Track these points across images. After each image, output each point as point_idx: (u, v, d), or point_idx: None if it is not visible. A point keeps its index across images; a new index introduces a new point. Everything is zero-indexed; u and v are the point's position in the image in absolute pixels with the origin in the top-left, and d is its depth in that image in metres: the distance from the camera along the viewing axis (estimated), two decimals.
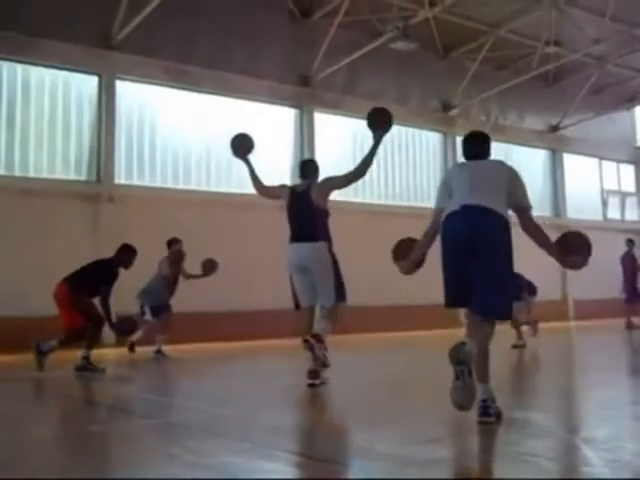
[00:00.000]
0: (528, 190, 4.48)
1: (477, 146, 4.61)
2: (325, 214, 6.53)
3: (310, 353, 6.02)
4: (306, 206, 6.44)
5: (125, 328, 8.88)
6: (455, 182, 4.47)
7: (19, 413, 5.30)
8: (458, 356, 3.97)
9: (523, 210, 4.45)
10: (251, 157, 7.06)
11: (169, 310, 10.17)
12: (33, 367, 7.98)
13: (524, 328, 10.68)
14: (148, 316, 9.99)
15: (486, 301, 4.13)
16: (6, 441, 4.02)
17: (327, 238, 6.46)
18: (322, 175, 6.79)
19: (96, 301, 8.40)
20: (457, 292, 4.27)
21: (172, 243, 10.41)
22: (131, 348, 10.09)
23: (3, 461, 3.51)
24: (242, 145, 7.10)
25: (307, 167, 6.92)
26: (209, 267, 10.33)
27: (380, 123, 6.30)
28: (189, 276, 10.42)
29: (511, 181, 4.40)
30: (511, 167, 4.52)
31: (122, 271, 8.73)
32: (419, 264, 4.79)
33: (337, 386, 6.13)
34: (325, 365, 6.11)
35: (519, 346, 10.06)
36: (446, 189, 4.52)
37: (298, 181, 7.01)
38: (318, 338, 6.06)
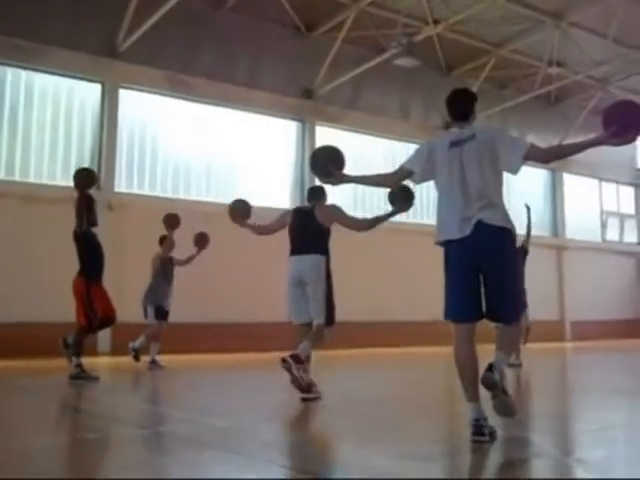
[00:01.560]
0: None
1: (464, 105, 4.48)
2: (327, 231, 6.55)
3: (288, 373, 5.92)
4: (309, 221, 6.49)
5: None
6: (442, 174, 4.36)
7: (12, 421, 5.27)
8: (489, 384, 3.98)
9: (529, 153, 4.17)
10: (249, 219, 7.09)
11: (166, 319, 10.08)
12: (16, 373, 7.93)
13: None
14: (151, 318, 9.89)
15: (506, 308, 4.17)
16: None
17: (325, 252, 6.47)
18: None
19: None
20: (463, 306, 4.22)
21: (163, 240, 10.33)
22: (136, 357, 9.82)
23: None
24: (239, 211, 7.10)
25: (314, 192, 6.85)
26: (202, 241, 10.34)
27: (404, 201, 6.18)
28: (185, 261, 10.39)
29: (501, 144, 4.22)
30: (496, 130, 4.49)
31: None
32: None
33: (330, 401, 6.10)
34: (302, 388, 5.95)
35: (515, 365, 9.98)
36: (424, 158, 4.44)
37: (299, 193, 7.00)
38: (297, 359, 5.93)
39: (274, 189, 16.01)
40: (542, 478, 3.36)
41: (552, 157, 4.61)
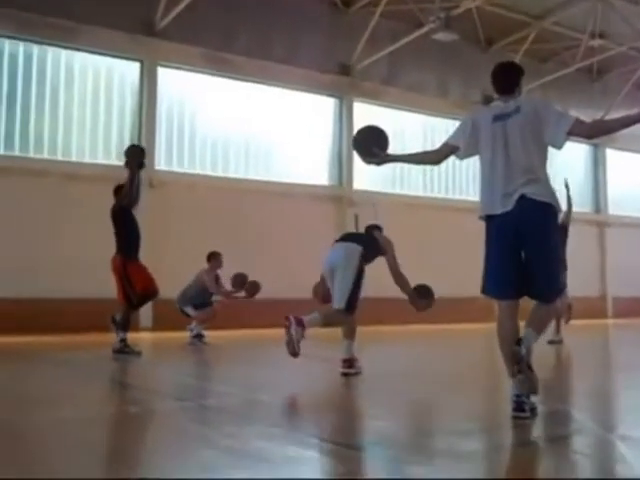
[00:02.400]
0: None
1: (511, 78, 4.43)
2: (376, 249, 6.52)
3: (285, 331, 5.87)
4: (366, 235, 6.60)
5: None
6: (486, 148, 4.34)
7: (56, 394, 5.40)
8: (517, 358, 3.94)
9: (574, 128, 4.12)
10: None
11: (212, 306, 10.14)
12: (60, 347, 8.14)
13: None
14: (192, 313, 9.99)
15: (543, 286, 4.14)
16: (46, 421, 4.10)
17: (364, 246, 6.34)
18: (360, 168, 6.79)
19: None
20: (503, 283, 4.20)
21: (212, 257, 10.29)
22: (198, 337, 9.90)
23: (43, 441, 3.59)
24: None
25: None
26: (252, 290, 10.27)
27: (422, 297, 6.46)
28: (225, 293, 10.37)
29: (546, 117, 4.17)
30: (541, 102, 4.39)
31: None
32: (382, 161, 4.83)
33: (370, 376, 6.13)
34: (293, 352, 5.85)
35: (556, 342, 9.90)
36: (467, 133, 4.45)
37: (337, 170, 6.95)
38: (299, 321, 5.87)
39: (312, 166, 16.00)
40: (584, 452, 3.35)
41: (597, 132, 4.53)
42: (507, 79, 4.44)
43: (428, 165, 5.09)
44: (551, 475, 3.00)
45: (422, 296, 6.44)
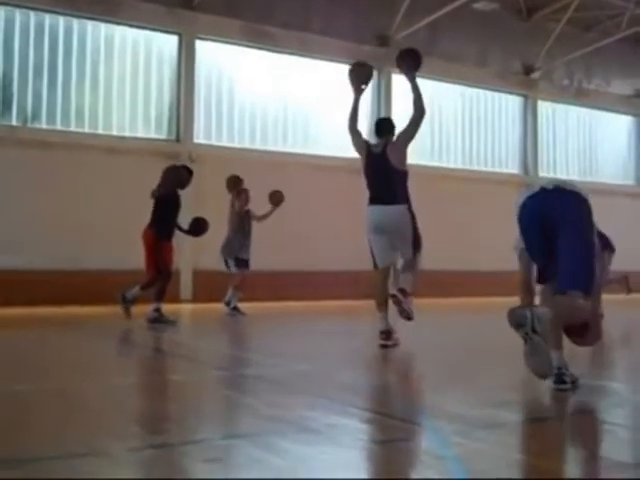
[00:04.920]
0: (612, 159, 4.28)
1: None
2: (404, 175, 6.42)
3: (398, 307, 6.15)
4: (384, 167, 6.34)
5: (198, 228, 9.22)
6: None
7: (96, 363, 5.54)
8: (515, 320, 3.85)
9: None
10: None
11: (247, 267, 10.28)
12: (121, 317, 8.36)
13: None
14: (233, 268, 10.16)
15: (572, 277, 3.99)
16: (90, 390, 4.21)
17: (406, 199, 6.38)
18: None
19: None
20: (540, 268, 4.20)
21: (234, 186, 10.47)
22: (236, 309, 10.06)
23: (99, 408, 3.70)
24: (365, 74, 7.02)
25: (383, 126, 6.82)
26: (276, 199, 10.45)
27: (406, 63, 6.43)
28: (261, 217, 10.52)
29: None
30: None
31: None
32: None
33: (409, 348, 6.16)
34: (409, 317, 6.25)
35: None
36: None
37: (374, 140, 6.92)
38: (404, 292, 6.19)
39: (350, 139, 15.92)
40: (627, 425, 3.34)
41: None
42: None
43: None
44: (589, 448, 3.01)
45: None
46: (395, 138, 6.54)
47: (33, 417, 3.40)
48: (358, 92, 6.82)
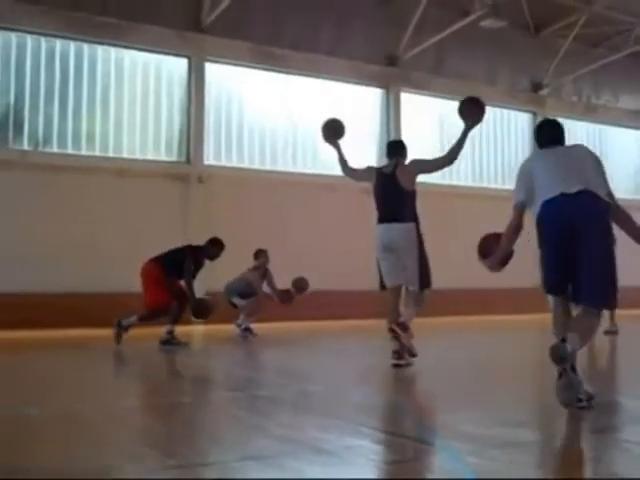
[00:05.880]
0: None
1: (556, 133, 4.50)
2: (412, 195, 6.46)
3: (396, 342, 6.00)
4: (393, 187, 6.38)
5: (202, 310, 9.02)
6: (541, 170, 4.31)
7: (107, 385, 5.54)
8: (559, 355, 3.75)
9: (609, 194, 4.24)
10: (340, 141, 7.03)
11: (257, 296, 10.26)
12: (112, 340, 8.37)
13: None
14: (240, 302, 10.16)
15: (595, 289, 3.98)
16: (101, 411, 4.20)
17: (414, 219, 6.40)
18: (410, 157, 6.72)
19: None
20: (560, 278, 4.15)
21: (259, 254, 10.43)
22: (248, 330, 10.03)
23: (100, 430, 3.69)
24: (333, 130, 7.02)
25: (394, 147, 6.88)
26: (300, 285, 10.38)
27: (471, 113, 6.12)
28: (273, 288, 10.45)
29: (596, 166, 4.26)
30: (593, 152, 4.40)
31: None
32: (506, 261, 4.65)
33: (421, 367, 6.12)
34: (412, 354, 6.07)
35: (612, 332, 9.74)
36: (527, 180, 4.35)
37: (385, 161, 6.95)
38: (404, 326, 6.03)
39: (359, 159, 15.93)
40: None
41: (625, 225, 4.39)
42: (555, 133, 4.50)
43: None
44: (605, 467, 2.97)
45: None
46: (409, 161, 6.56)
47: (43, 439, 3.39)
48: (335, 146, 6.98)
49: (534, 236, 4.28)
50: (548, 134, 4.52)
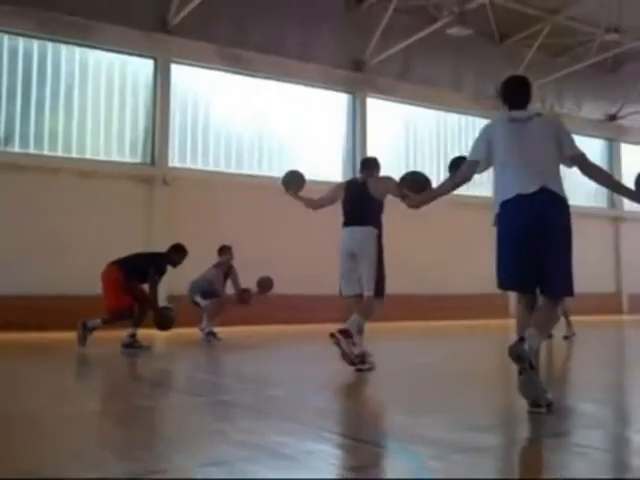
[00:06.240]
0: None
1: (524, 92, 4.57)
2: (379, 204, 6.48)
3: (337, 348, 5.90)
4: (361, 193, 6.46)
5: (165, 322, 8.96)
6: (501, 147, 4.41)
7: (68, 388, 5.45)
8: (517, 354, 3.89)
9: (578, 158, 4.43)
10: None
11: (219, 298, 10.20)
12: (75, 343, 8.27)
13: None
14: (202, 302, 10.10)
15: (559, 280, 4.16)
16: (61, 415, 4.13)
17: (377, 225, 6.43)
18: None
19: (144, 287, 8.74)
20: (527, 277, 4.23)
21: (223, 251, 10.43)
22: (211, 334, 9.91)
23: (59, 434, 3.63)
24: (293, 182, 7.17)
25: (368, 162, 6.88)
26: (265, 285, 10.36)
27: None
28: (237, 286, 10.46)
29: (560, 134, 4.40)
30: (555, 120, 4.53)
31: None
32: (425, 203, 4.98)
33: (384, 372, 6.13)
34: (351, 362, 5.92)
35: (569, 336, 9.90)
36: (485, 145, 4.48)
37: (350, 167, 6.98)
38: (346, 333, 5.87)
39: (325, 162, 15.99)
40: (601, 447, 3.34)
41: (599, 178, 4.56)
42: (523, 93, 4.57)
43: (461, 186, 4.84)
44: (565, 470, 3.00)
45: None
46: (384, 176, 6.62)
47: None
48: (295, 195, 7.10)
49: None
50: (517, 95, 4.57)
